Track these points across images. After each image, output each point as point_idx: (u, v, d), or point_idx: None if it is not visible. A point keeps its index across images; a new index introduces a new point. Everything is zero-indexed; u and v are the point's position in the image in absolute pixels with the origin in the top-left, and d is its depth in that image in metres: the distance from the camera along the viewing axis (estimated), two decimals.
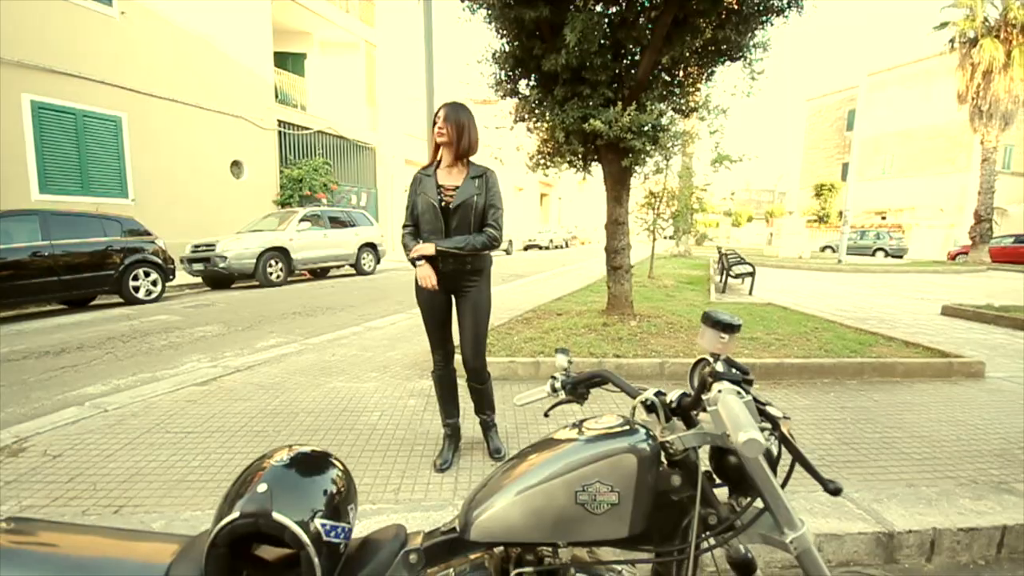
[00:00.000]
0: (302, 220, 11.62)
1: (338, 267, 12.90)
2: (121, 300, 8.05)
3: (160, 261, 8.40)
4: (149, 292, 8.25)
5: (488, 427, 2.74)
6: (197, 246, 10.29)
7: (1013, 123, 19.61)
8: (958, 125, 24.33)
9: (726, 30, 4.33)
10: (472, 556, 0.97)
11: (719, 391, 0.88)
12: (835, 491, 0.87)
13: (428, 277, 2.37)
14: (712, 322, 0.94)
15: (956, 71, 20.15)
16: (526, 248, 27.58)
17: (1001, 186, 22.59)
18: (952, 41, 20.10)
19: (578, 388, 1.23)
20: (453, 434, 2.66)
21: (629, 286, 5.62)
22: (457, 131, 2.37)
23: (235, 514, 0.80)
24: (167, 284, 8.77)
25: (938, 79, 27.69)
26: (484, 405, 2.69)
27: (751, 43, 4.63)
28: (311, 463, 0.92)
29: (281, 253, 10.85)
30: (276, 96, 16.32)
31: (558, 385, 1.24)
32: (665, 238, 12.03)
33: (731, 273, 10.18)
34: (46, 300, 7.44)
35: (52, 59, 10.34)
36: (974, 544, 2.11)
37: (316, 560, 0.82)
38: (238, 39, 14.41)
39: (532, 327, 5.24)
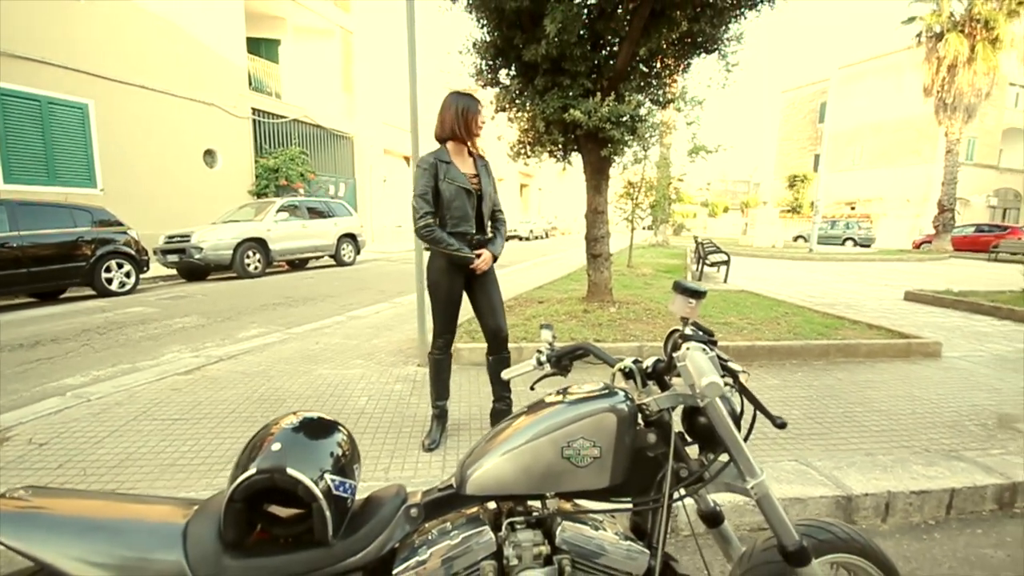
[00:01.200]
0: (280, 210, 11.47)
1: (317, 258, 12.78)
2: (93, 292, 7.87)
3: (133, 252, 8.22)
4: (122, 284, 8.08)
5: (510, 408, 2.76)
6: (171, 237, 10.08)
7: (975, 116, 20.38)
8: (925, 118, 25.07)
9: (701, 23, 4.45)
10: (467, 510, 1.06)
11: (687, 348, 0.99)
12: (781, 425, 0.99)
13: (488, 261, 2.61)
14: (682, 289, 1.05)
15: (923, 64, 20.79)
16: (507, 239, 27.59)
17: (964, 177, 23.48)
18: (919, 35, 20.72)
19: (562, 361, 1.32)
20: (442, 415, 2.74)
21: (609, 274, 5.75)
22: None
23: (252, 470, 0.88)
24: (141, 276, 8.59)
25: (907, 72, 28.46)
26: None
27: (725, 36, 4.76)
28: (318, 427, 1.00)
29: (259, 244, 10.70)
30: (250, 83, 15.94)
31: (543, 359, 1.33)
32: (643, 228, 12.24)
33: (707, 262, 10.44)
34: (15, 293, 7.24)
35: (14, 44, 9.92)
36: (925, 505, 2.29)
37: (328, 512, 0.90)
38: (209, 23, 13.99)
39: (514, 314, 5.33)
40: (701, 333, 1.06)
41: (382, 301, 7.10)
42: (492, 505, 1.10)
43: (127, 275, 8.15)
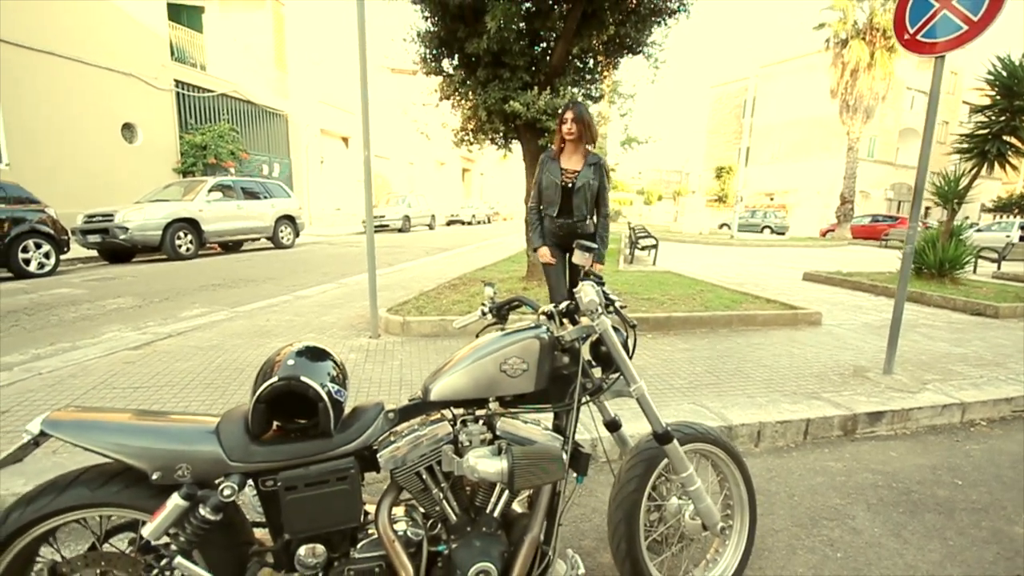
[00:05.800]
0: (212, 190, 11.06)
1: (253, 240, 12.44)
2: (10, 274, 7.39)
3: (52, 231, 7.77)
4: (42, 265, 7.63)
5: None
6: (91, 216, 9.51)
7: (874, 117, 22.65)
8: (833, 116, 27.44)
9: (627, 27, 4.92)
10: (431, 415, 1.42)
11: (583, 284, 1.41)
12: (633, 326, 1.44)
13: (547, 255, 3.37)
14: (580, 247, 1.47)
15: (830, 68, 22.77)
16: (449, 223, 27.63)
17: (866, 172, 26.07)
18: (828, 41, 22.64)
19: (501, 310, 1.71)
20: None
21: None
22: (584, 126, 3.13)
23: (275, 378, 1.20)
24: (61, 257, 8.12)
25: (820, 73, 30.84)
26: None
27: (649, 40, 5.27)
28: (316, 352, 1.33)
29: (190, 224, 10.32)
30: (172, 53, 15.02)
31: (486, 310, 1.71)
32: None
33: (638, 246, 11.20)
34: None
35: None
36: (787, 432, 2.90)
37: (331, 412, 1.24)
38: None
39: (459, 292, 5.68)
40: (595, 278, 1.48)
41: (327, 282, 7.20)
42: (448, 414, 1.47)
43: (46, 256, 7.71)
